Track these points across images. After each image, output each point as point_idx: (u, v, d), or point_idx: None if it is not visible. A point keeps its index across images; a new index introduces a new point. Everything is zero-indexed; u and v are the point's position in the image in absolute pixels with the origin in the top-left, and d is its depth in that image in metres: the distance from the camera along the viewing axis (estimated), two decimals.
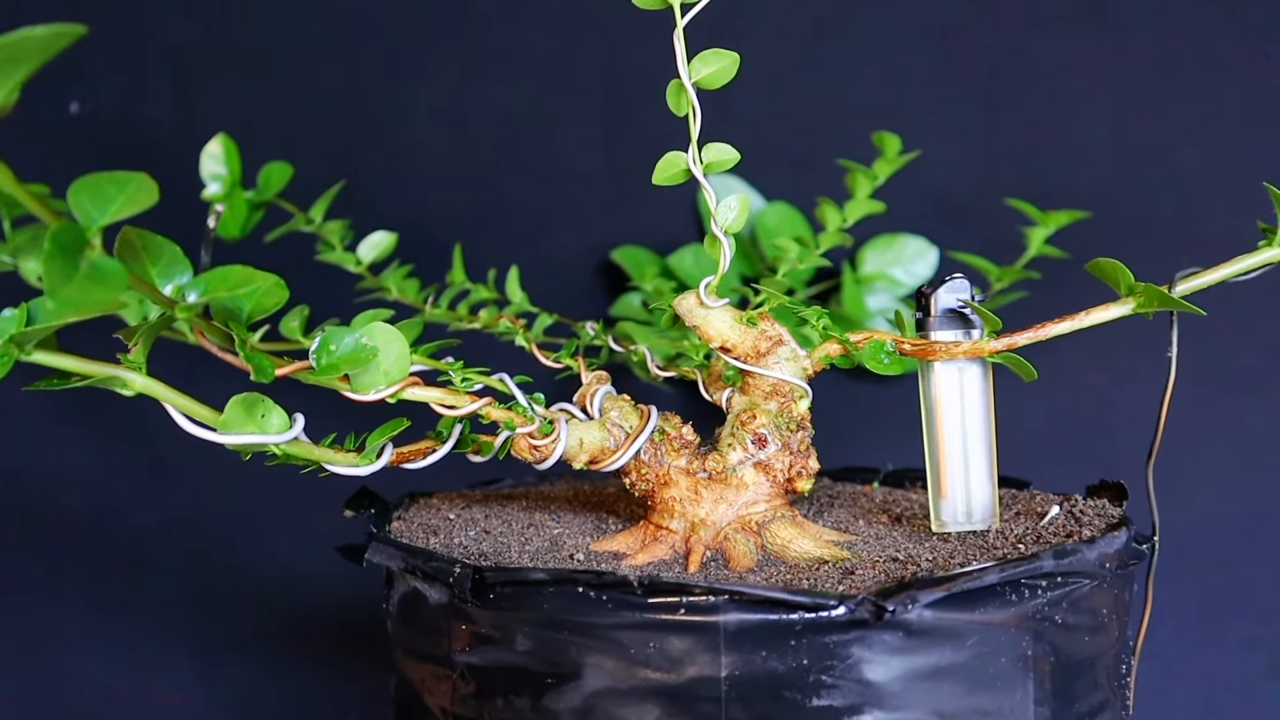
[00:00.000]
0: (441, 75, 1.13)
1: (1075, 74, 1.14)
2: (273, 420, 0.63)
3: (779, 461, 0.74)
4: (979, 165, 1.16)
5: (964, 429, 0.74)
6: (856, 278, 1.16)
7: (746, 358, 0.74)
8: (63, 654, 1.13)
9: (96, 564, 1.13)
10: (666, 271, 1.16)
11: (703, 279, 1.13)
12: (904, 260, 1.17)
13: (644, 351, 0.85)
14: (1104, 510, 0.75)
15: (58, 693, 1.13)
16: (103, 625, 1.13)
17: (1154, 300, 0.72)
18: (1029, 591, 0.64)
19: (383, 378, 0.65)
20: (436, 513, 0.80)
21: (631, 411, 0.74)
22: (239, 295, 0.59)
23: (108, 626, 1.14)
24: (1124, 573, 0.70)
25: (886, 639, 0.62)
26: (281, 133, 1.12)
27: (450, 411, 0.67)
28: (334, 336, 0.62)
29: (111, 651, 1.14)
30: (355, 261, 0.96)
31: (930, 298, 0.74)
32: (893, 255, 1.17)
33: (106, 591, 1.13)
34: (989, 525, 0.74)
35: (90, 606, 1.13)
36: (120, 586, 1.13)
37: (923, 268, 1.16)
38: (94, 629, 1.13)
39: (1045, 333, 0.73)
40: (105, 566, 1.13)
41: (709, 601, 0.61)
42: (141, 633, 1.14)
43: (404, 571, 0.69)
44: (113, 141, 1.11)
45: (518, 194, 1.14)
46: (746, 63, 1.16)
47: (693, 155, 0.71)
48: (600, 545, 0.75)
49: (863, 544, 0.74)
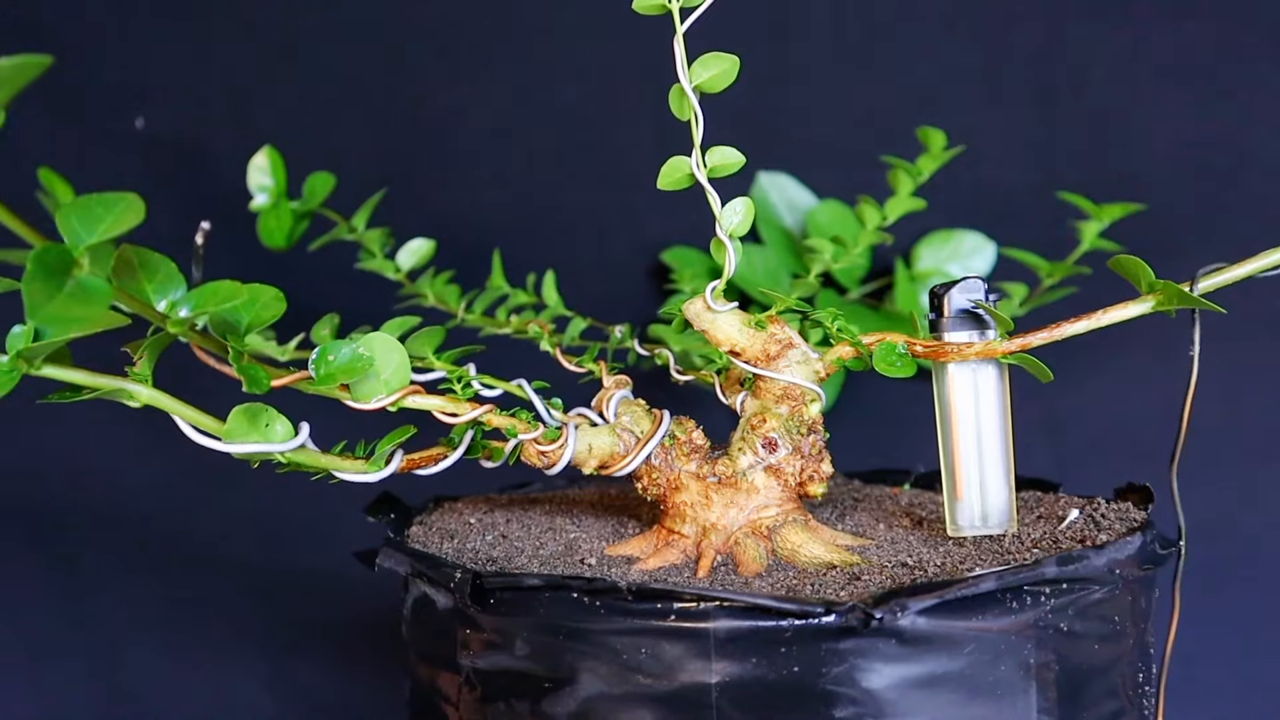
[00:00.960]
0: (491, 82, 1.14)
1: (1135, 62, 1.12)
2: (277, 429, 0.64)
3: (790, 465, 0.74)
4: (1037, 159, 1.14)
5: (979, 431, 0.73)
6: (911, 275, 1.15)
7: (756, 361, 0.74)
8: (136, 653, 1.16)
9: (168, 565, 1.16)
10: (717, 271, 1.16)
11: (755, 278, 1.14)
12: (961, 256, 1.15)
13: (668, 355, 0.85)
14: (1127, 514, 0.74)
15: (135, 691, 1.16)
16: (175, 622, 1.16)
17: (1173, 298, 0.70)
18: (1031, 599, 0.63)
19: (383, 387, 0.66)
20: (459, 517, 0.81)
21: (644, 416, 0.75)
22: (235, 308, 0.61)
23: (181, 627, 1.17)
24: (1140, 578, 0.68)
25: (880, 646, 0.61)
26: (333, 144, 1.14)
27: (452, 419, 0.68)
28: (332, 347, 0.64)
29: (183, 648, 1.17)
30: (395, 269, 0.98)
31: (943, 298, 0.73)
32: (949, 251, 1.15)
33: (179, 592, 1.16)
34: (1006, 529, 0.73)
35: (163, 606, 1.16)
36: (192, 587, 1.16)
37: (980, 263, 1.15)
38: (166, 625, 1.16)
39: (1060, 333, 0.71)
40: (177, 567, 1.16)
41: (698, 608, 0.61)
42: (214, 632, 1.17)
43: (412, 576, 0.70)
44: (173, 154, 1.13)
45: (569, 197, 1.15)
46: (798, 60, 1.16)
47: (696, 160, 0.71)
48: (615, 550, 0.75)
49: (876, 549, 0.74)
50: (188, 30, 1.13)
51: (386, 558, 0.70)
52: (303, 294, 1.10)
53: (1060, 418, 1.16)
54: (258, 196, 0.98)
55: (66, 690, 1.15)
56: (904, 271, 1.14)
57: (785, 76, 1.15)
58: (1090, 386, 1.15)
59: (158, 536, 1.15)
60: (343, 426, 0.71)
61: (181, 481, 1.13)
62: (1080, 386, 1.15)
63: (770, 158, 1.16)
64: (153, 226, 1.11)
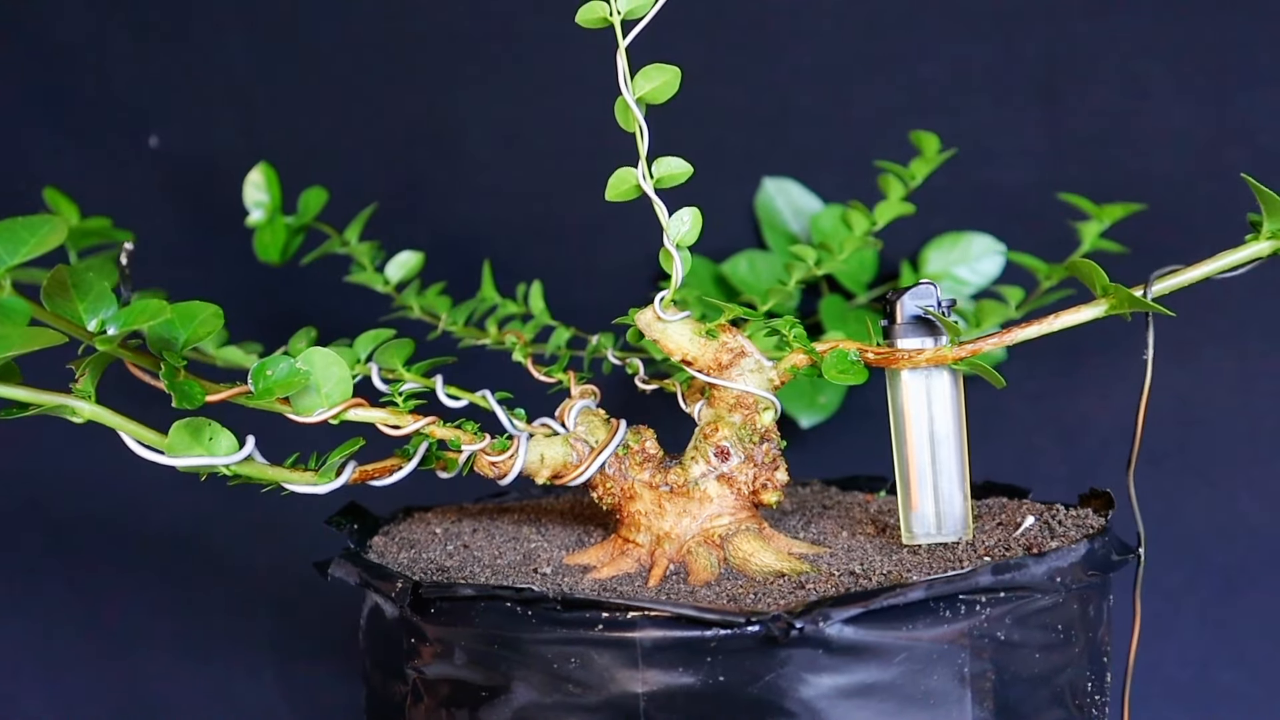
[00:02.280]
0: (493, 92, 1.14)
1: (1140, 61, 1.10)
2: (221, 442, 0.65)
3: (742, 474, 0.73)
4: (1042, 160, 1.12)
5: (932, 439, 0.72)
6: (917, 278, 1.13)
7: (708, 370, 0.73)
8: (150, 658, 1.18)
9: (180, 571, 1.18)
10: (721, 279, 1.16)
11: (759, 285, 1.13)
12: (969, 259, 1.13)
13: (638, 364, 0.85)
14: (1084, 520, 0.72)
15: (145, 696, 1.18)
16: (189, 630, 1.18)
17: (1125, 302, 0.69)
18: (965, 607, 0.63)
19: (323, 400, 0.66)
20: (425, 527, 0.82)
21: (600, 426, 0.75)
22: (168, 325, 0.62)
23: (195, 632, 1.19)
24: (1088, 586, 0.67)
25: (808, 656, 0.61)
26: (343, 159, 1.15)
27: (394, 431, 0.69)
28: (270, 362, 0.65)
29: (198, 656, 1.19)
30: (384, 281, 0.99)
31: (895, 304, 0.72)
32: (957, 254, 1.13)
33: (194, 597, 1.18)
34: (960, 537, 0.72)
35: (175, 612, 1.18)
36: (204, 593, 1.18)
37: (990, 266, 1.13)
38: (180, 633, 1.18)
39: (1011, 338, 0.70)
40: (189, 573, 1.18)
41: (625, 618, 0.61)
42: (228, 638, 1.19)
43: (361, 586, 0.70)
44: (186, 171, 1.16)
45: (569, 206, 1.15)
46: (802, 62, 1.15)
47: (642, 171, 0.71)
48: (573, 559, 0.76)
49: (831, 557, 0.73)
50: (199, 48, 1.15)
51: (338, 567, 0.71)
52: (307, 306, 1.13)
53: (1070, 423, 1.14)
54: (253, 212, 1.00)
55: (80, 696, 1.17)
56: (911, 275, 1.13)
57: (790, 80, 1.15)
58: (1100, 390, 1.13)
59: (169, 542, 1.17)
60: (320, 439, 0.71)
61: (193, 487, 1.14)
62: (1089, 391, 1.13)
63: (776, 162, 1.15)
64: (165, 243, 1.15)
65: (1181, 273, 0.70)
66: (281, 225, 1.00)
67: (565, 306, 1.01)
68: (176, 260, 1.15)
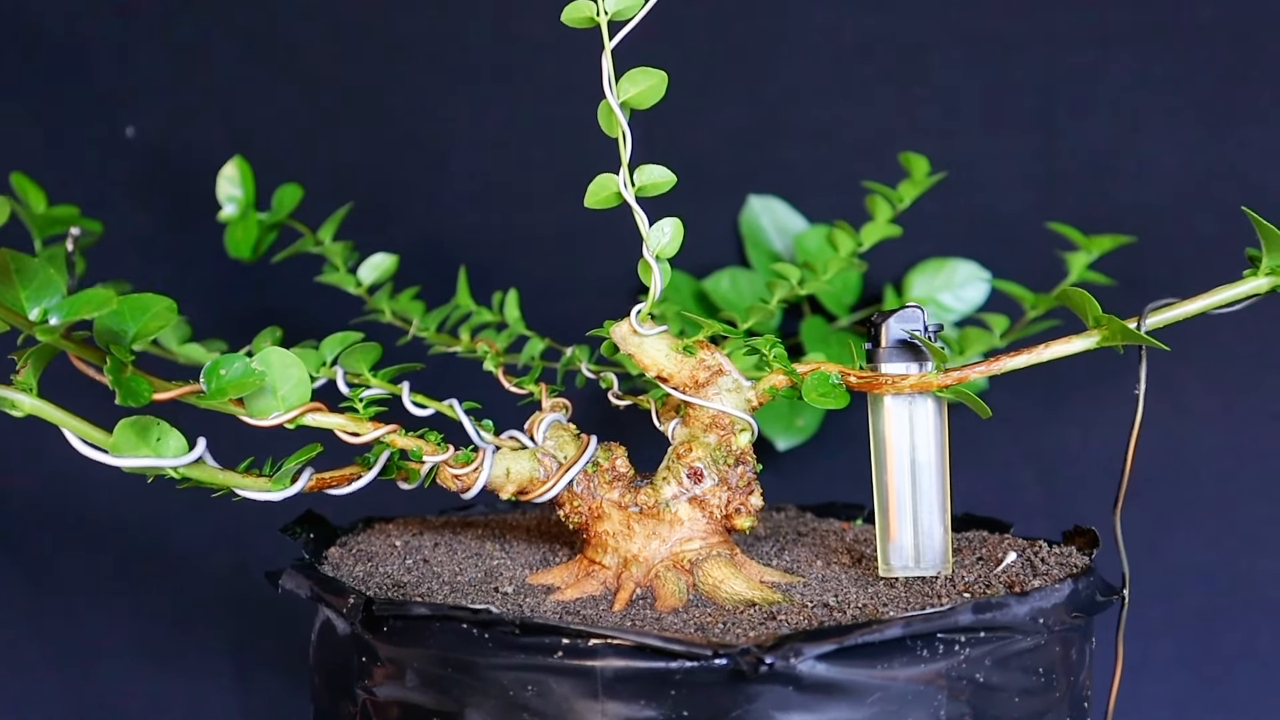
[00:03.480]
0: (481, 98, 1.11)
1: (1137, 92, 1.06)
2: (170, 443, 0.61)
3: (715, 497, 0.69)
4: (1035, 188, 1.09)
5: (914, 468, 0.68)
6: (901, 303, 1.09)
7: (684, 388, 0.69)
8: (109, 664, 1.13)
9: (142, 574, 1.13)
10: (702, 296, 1.12)
11: (741, 304, 1.09)
12: (954, 285, 1.10)
13: (612, 378, 0.81)
14: (1068, 559, 0.68)
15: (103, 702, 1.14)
16: (149, 636, 1.14)
17: (1118, 334, 0.65)
18: (944, 646, 0.59)
19: (280, 403, 0.62)
20: (385, 539, 0.77)
21: (569, 441, 0.71)
22: (118, 317, 0.58)
23: (154, 637, 1.14)
24: (1072, 626, 0.63)
25: (776, 693, 0.57)
26: (323, 155, 1.11)
27: (353, 439, 0.64)
28: (224, 361, 0.60)
29: (157, 662, 1.14)
30: (356, 283, 0.94)
31: (880, 327, 0.68)
32: (942, 280, 1.10)
33: (152, 602, 1.14)
34: (939, 571, 0.68)
35: (136, 617, 1.13)
36: (166, 597, 1.14)
37: (974, 293, 1.09)
38: (139, 640, 1.14)
39: (999, 366, 0.67)
40: (151, 577, 1.13)
41: (585, 645, 0.57)
42: (187, 644, 1.14)
43: (311, 600, 0.66)
44: (163, 164, 1.11)
45: (553, 215, 1.11)
46: (793, 81, 1.12)
47: (624, 179, 0.67)
48: (537, 578, 0.72)
49: (804, 587, 0.69)
50: (179, 38, 1.11)
51: (289, 579, 0.67)
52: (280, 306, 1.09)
53: (1051, 456, 1.10)
54: (226, 207, 0.95)
55: (36, 703, 1.12)
56: (895, 300, 1.09)
57: (780, 98, 1.11)
58: (1081, 424, 1.09)
59: (127, 545, 1.12)
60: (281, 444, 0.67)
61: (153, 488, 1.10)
62: (1071, 424, 1.09)
63: (762, 180, 1.11)
64: (137, 235, 1.11)
65: (1176, 306, 0.66)
66: (254, 221, 0.95)
67: (542, 318, 0.97)
68: (148, 253, 1.10)
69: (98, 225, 0.98)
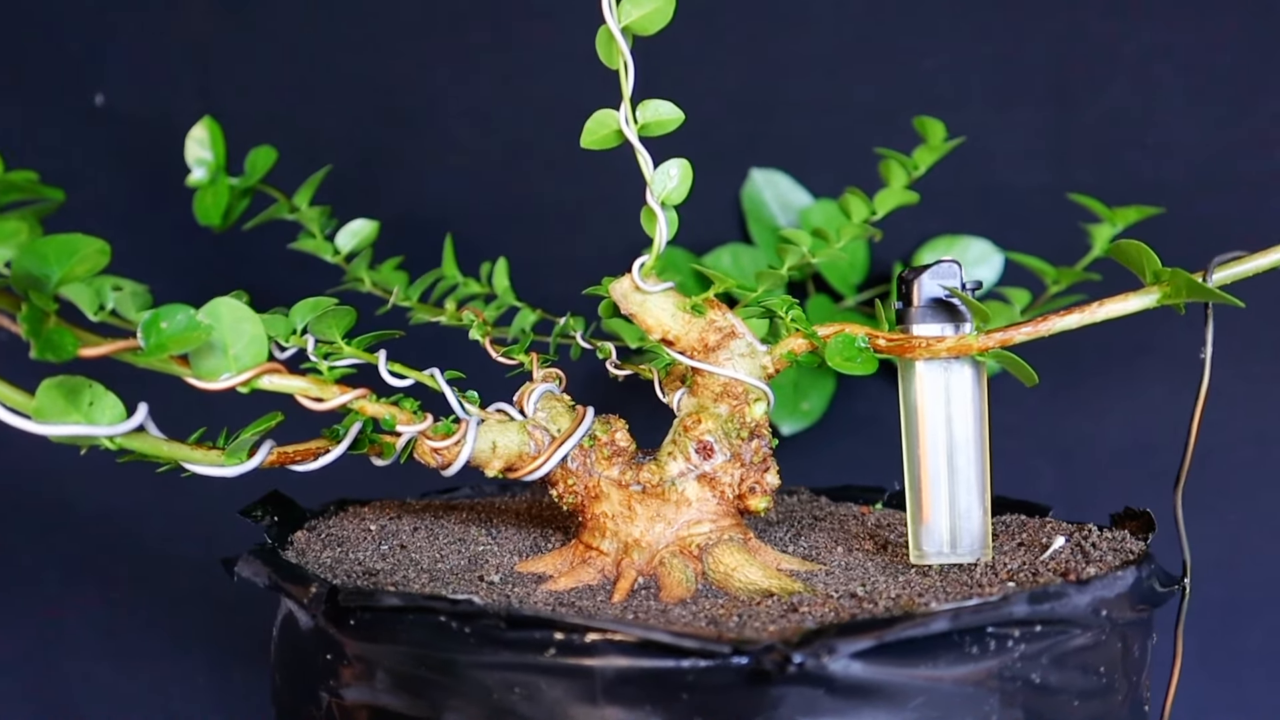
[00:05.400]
0: (471, 68, 1.01)
1: (1156, 62, 0.97)
2: (104, 409, 0.51)
3: (727, 475, 0.59)
4: (1050, 162, 0.99)
5: (950, 442, 0.58)
6: None
7: (692, 352, 0.59)
8: (76, 659, 1.03)
9: (111, 569, 1.03)
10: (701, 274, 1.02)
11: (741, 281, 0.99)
12: (965, 264, 0.99)
13: (610, 348, 0.71)
14: (1122, 544, 0.58)
15: (70, 699, 1.03)
16: (117, 631, 1.03)
17: (1182, 289, 0.55)
18: (996, 643, 0.48)
19: (231, 363, 0.52)
20: (359, 523, 0.67)
21: (563, 413, 0.60)
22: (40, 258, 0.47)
23: (122, 633, 1.04)
24: (1133, 622, 0.53)
25: (805, 696, 0.46)
26: (302, 123, 1.01)
27: (316, 405, 0.54)
28: (165, 312, 0.50)
29: (125, 658, 1.04)
30: (333, 251, 0.84)
31: (912, 284, 0.58)
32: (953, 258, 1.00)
33: (121, 597, 1.03)
34: (978, 558, 0.58)
35: (104, 612, 1.03)
36: (135, 592, 1.03)
37: (986, 272, 1.00)
38: (108, 635, 1.03)
39: (1048, 327, 0.57)
40: (120, 572, 1.03)
41: (582, 641, 0.47)
42: (156, 640, 1.04)
43: (271, 589, 0.56)
44: (135, 133, 1.01)
45: (546, 188, 1.02)
46: (798, 51, 1.02)
47: (625, 114, 0.57)
48: (526, 566, 0.61)
49: (826, 575, 0.59)
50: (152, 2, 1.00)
51: (246, 565, 0.56)
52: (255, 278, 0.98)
53: (1066, 440, 1.00)
54: (195, 171, 0.85)
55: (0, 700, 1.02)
56: None
57: (784, 69, 1.02)
58: (1099, 406, 0.99)
59: (96, 533, 1.02)
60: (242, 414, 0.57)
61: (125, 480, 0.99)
62: (1088, 406, 0.99)
63: (765, 153, 1.02)
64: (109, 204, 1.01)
65: (1245, 260, 0.57)
66: (225, 186, 0.85)
67: (535, 296, 0.87)
68: (117, 225, 1.00)
69: (59, 193, 0.88)
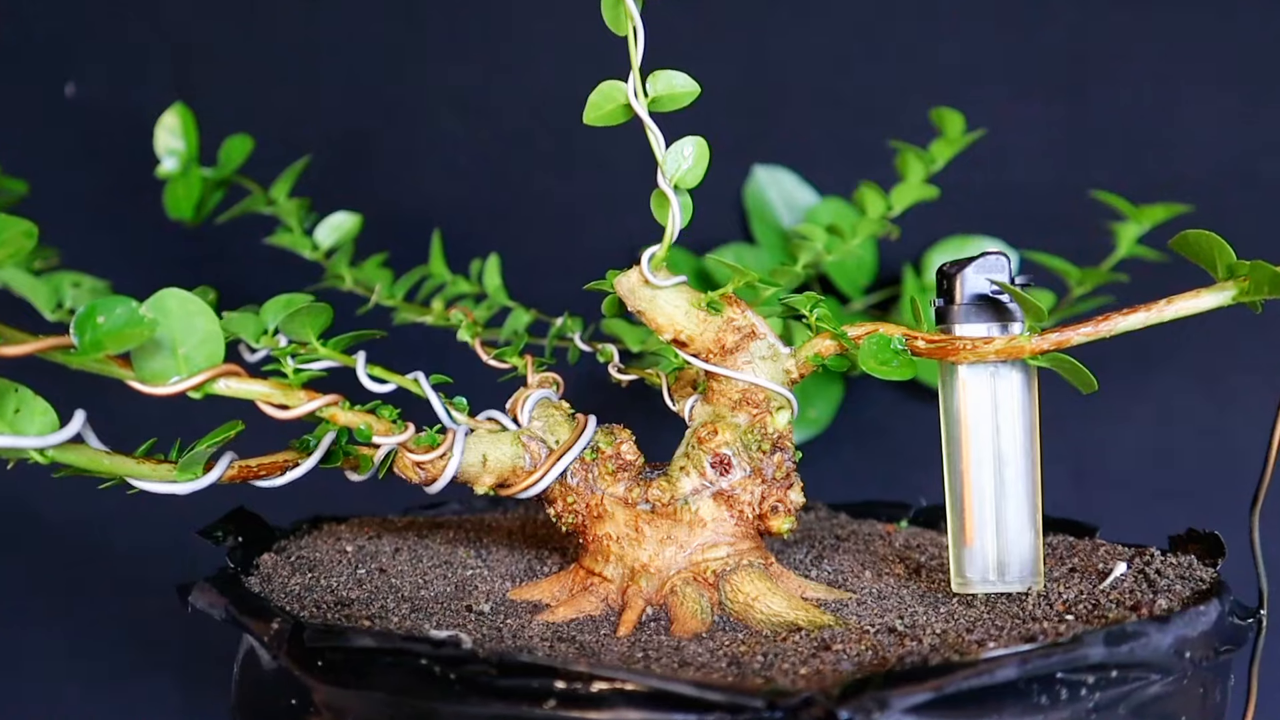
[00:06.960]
0: (461, 53, 0.93)
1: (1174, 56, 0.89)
2: (32, 416, 0.42)
3: (747, 492, 0.51)
4: (1064, 160, 0.92)
5: (997, 455, 0.50)
6: (921, 284, 0.92)
7: (707, 354, 0.51)
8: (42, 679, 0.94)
9: (79, 582, 0.94)
10: (703, 273, 0.94)
11: None
12: None
13: (612, 351, 0.62)
14: (1190, 571, 0.50)
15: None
16: (84, 650, 0.95)
17: (1264, 285, 0.47)
18: (1068, 691, 0.40)
19: (181, 364, 0.43)
20: (334, 543, 0.58)
21: (562, 422, 0.52)
22: None
23: (89, 651, 0.95)
24: (1215, 664, 0.45)
25: None
26: (284, 114, 0.93)
27: (281, 413, 0.45)
28: (103, 305, 0.41)
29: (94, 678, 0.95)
30: (312, 246, 0.76)
31: (955, 279, 0.50)
32: None
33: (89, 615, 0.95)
34: (1029, 586, 0.49)
35: (72, 630, 0.94)
36: (104, 608, 0.95)
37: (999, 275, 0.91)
38: (75, 654, 0.95)
39: (1111, 327, 0.49)
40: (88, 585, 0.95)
41: (587, 691, 0.38)
42: (125, 659, 0.95)
43: (228, 623, 0.47)
44: (108, 124, 0.93)
45: (541, 185, 0.95)
46: (805, 43, 0.94)
47: (633, 86, 0.48)
48: (520, 593, 0.53)
49: (858, 605, 0.50)
50: None
51: (200, 595, 0.48)
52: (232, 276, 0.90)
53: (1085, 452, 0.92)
54: (165, 161, 0.77)
55: None
56: (914, 280, 0.92)
57: (790, 64, 0.94)
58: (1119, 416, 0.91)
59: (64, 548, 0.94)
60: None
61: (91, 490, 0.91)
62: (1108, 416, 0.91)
63: (769, 150, 0.94)
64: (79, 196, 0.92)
65: None
66: (197, 177, 0.77)
67: (528, 296, 0.80)
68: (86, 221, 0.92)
69: (22, 185, 0.80)
